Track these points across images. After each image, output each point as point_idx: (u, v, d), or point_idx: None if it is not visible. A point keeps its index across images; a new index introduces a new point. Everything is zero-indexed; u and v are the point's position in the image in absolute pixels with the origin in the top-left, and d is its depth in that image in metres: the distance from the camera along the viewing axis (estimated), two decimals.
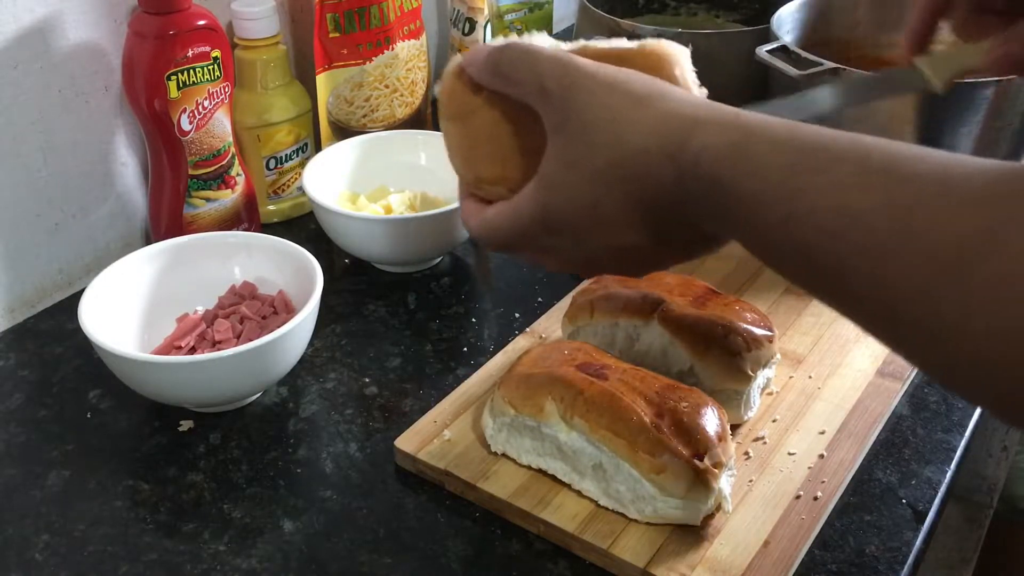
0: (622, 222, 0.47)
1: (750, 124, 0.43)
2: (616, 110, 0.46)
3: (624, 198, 0.47)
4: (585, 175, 0.47)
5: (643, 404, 0.61)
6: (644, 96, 0.47)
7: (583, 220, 0.48)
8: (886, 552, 0.61)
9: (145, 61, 0.79)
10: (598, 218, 0.48)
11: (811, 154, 0.41)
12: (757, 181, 0.42)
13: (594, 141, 0.47)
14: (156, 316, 0.76)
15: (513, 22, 1.17)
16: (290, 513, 0.64)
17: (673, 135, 0.45)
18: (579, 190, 0.48)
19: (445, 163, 0.92)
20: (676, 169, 0.44)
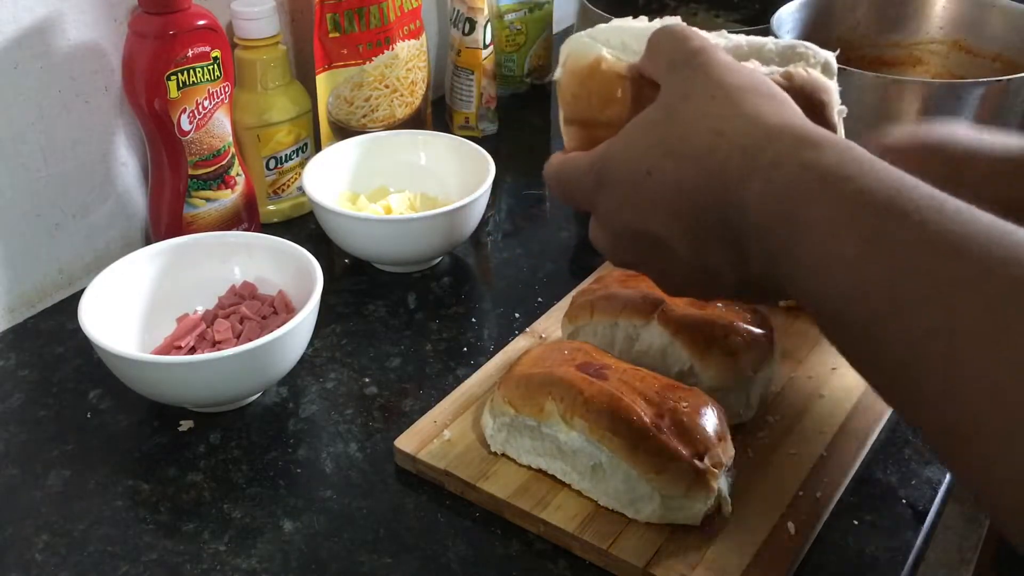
0: (664, 206, 0.45)
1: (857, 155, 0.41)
2: (720, 90, 0.45)
3: (675, 177, 0.44)
4: (652, 139, 0.45)
5: (643, 404, 0.61)
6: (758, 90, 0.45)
7: (630, 185, 0.46)
8: (886, 552, 0.61)
9: (145, 61, 0.79)
10: (645, 189, 0.45)
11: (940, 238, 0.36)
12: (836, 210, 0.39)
13: (678, 110, 0.45)
14: (156, 316, 0.76)
15: (513, 22, 1.17)
16: (290, 513, 0.64)
17: (758, 130, 0.43)
18: (639, 151, 0.46)
19: (445, 163, 0.93)
20: (746, 168, 0.42)
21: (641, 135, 0.46)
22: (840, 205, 0.39)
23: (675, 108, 0.46)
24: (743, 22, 1.18)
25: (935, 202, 0.37)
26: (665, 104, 0.46)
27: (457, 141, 0.94)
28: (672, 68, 0.47)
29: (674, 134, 0.45)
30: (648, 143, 0.46)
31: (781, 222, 0.41)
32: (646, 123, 0.47)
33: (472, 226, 0.87)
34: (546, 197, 1.03)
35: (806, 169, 0.41)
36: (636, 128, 0.47)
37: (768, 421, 0.69)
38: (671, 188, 0.44)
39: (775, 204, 0.41)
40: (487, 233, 0.95)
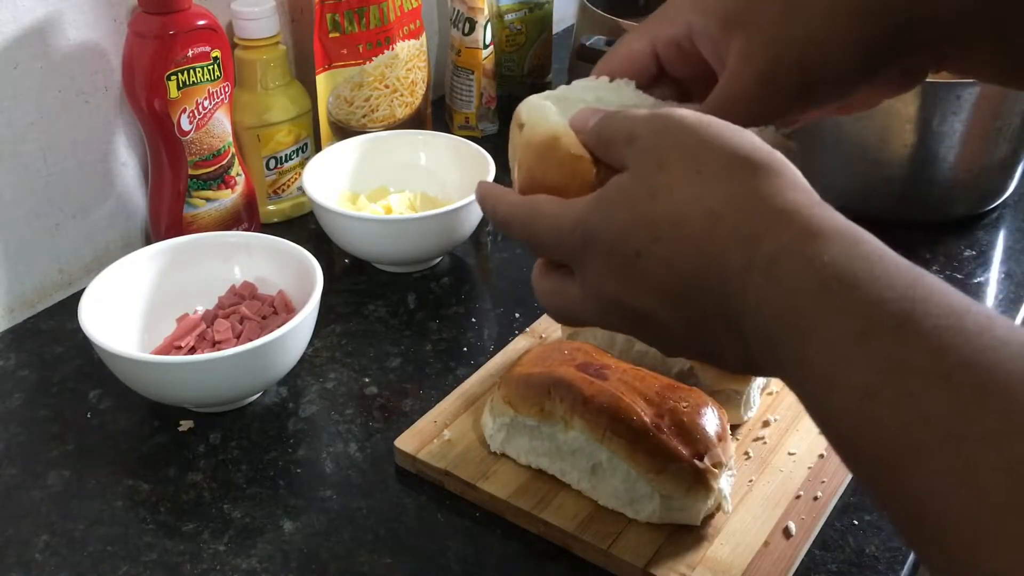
0: (657, 288, 0.42)
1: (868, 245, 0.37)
2: (704, 162, 0.41)
3: (668, 262, 0.41)
4: (636, 218, 0.42)
5: (643, 404, 0.61)
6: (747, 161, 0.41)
7: (615, 257, 0.43)
8: (886, 552, 0.61)
9: (145, 61, 0.79)
10: (635, 270, 0.42)
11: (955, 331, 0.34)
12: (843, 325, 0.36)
13: (659, 185, 0.42)
14: (156, 316, 0.76)
15: (513, 22, 1.17)
16: (290, 513, 0.64)
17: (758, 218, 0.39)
18: (623, 230, 0.42)
19: (445, 163, 0.93)
20: (747, 259, 0.39)
21: (623, 211, 0.43)
22: (847, 321, 0.36)
23: (654, 183, 0.42)
24: None
25: (953, 319, 0.34)
26: (641, 179, 0.42)
27: (457, 141, 0.94)
28: (633, 140, 0.44)
29: (661, 215, 0.41)
30: (633, 222, 0.42)
31: (784, 327, 0.38)
32: (625, 197, 0.43)
33: (472, 226, 0.87)
34: None
35: (809, 268, 0.37)
36: (614, 202, 0.43)
37: (768, 421, 0.69)
38: (664, 273, 0.41)
39: (777, 306, 0.38)
40: (487, 233, 0.95)
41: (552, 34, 1.23)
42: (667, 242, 0.41)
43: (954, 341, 0.33)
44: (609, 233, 0.43)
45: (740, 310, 0.39)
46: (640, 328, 0.45)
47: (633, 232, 0.42)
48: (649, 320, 0.43)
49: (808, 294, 0.37)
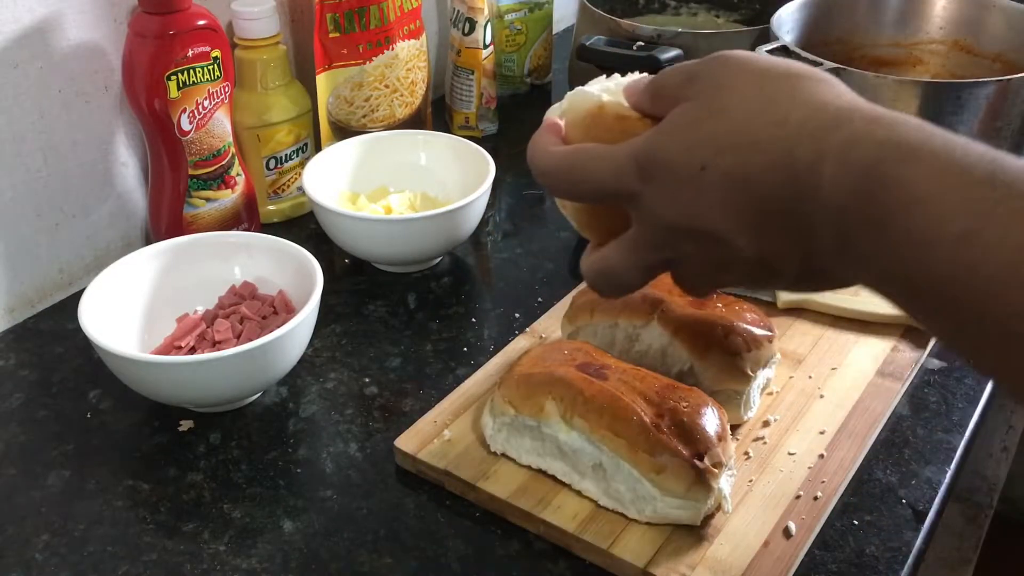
0: (723, 202, 0.42)
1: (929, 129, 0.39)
2: (766, 80, 0.43)
3: (734, 172, 0.42)
4: (700, 135, 0.43)
5: (643, 404, 0.61)
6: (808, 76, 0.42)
7: (682, 182, 0.43)
8: (886, 552, 0.61)
9: (145, 61, 0.79)
10: (699, 186, 0.43)
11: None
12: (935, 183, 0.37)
13: (724, 105, 0.43)
14: (156, 316, 0.76)
15: (513, 22, 1.17)
16: (290, 513, 0.64)
17: (825, 113, 0.41)
18: (687, 147, 0.43)
19: (445, 163, 0.93)
20: (816, 152, 0.40)
21: (685, 131, 0.44)
22: (937, 180, 0.37)
23: (718, 103, 0.43)
24: (743, 22, 1.18)
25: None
26: (703, 103, 0.44)
27: (457, 141, 0.94)
28: (692, 78, 0.45)
29: (726, 129, 0.42)
30: (696, 139, 0.43)
31: (863, 203, 0.39)
32: (687, 120, 0.44)
33: (472, 226, 0.87)
34: (546, 197, 1.03)
35: (887, 147, 0.39)
36: (676, 125, 0.44)
37: (768, 421, 0.69)
38: (730, 183, 0.42)
39: (855, 184, 0.39)
40: (487, 233, 0.95)
41: (552, 34, 1.23)
42: (732, 152, 0.42)
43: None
44: (671, 154, 0.44)
45: (812, 208, 0.40)
46: (702, 251, 0.45)
47: (697, 149, 0.43)
48: (713, 239, 0.44)
49: (887, 168, 0.38)
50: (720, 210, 0.43)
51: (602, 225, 0.52)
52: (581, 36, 1.04)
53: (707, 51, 1.07)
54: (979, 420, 0.72)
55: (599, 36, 1.01)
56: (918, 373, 0.75)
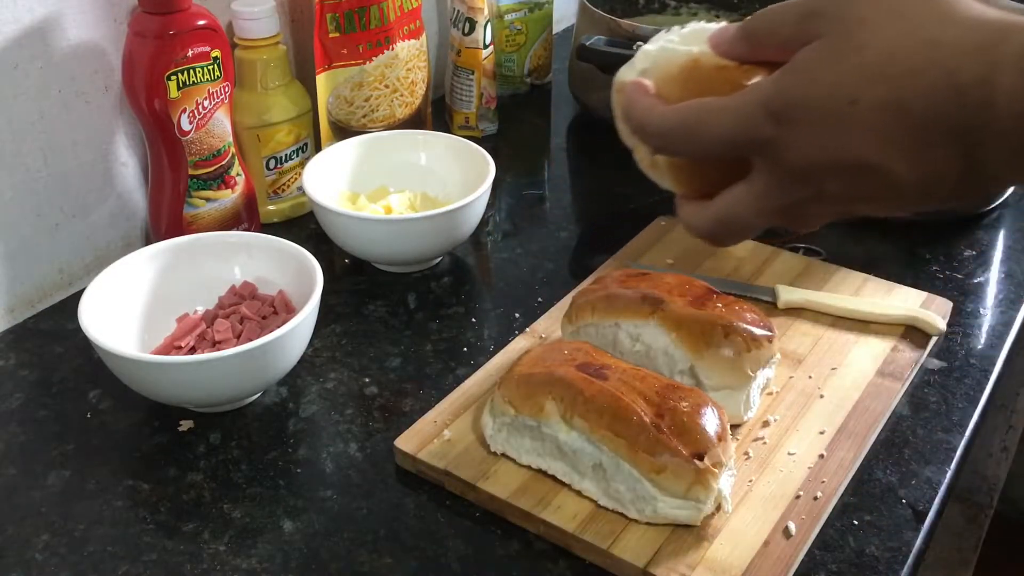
0: (880, 131, 0.41)
1: None
2: (906, 5, 0.41)
3: (891, 99, 0.41)
4: (847, 67, 0.41)
5: (643, 404, 0.61)
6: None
7: (828, 115, 0.42)
8: (886, 552, 0.61)
9: (145, 61, 0.79)
10: (851, 119, 0.42)
11: None
12: None
13: (864, 39, 0.41)
14: (156, 316, 0.76)
15: (513, 22, 1.17)
16: (290, 513, 0.64)
17: (985, 28, 0.40)
18: (831, 82, 0.42)
19: (445, 163, 0.93)
20: (986, 65, 0.39)
21: (825, 69, 0.42)
22: None
23: (858, 38, 0.42)
24: None
25: None
26: (838, 39, 0.42)
27: (457, 141, 0.94)
28: (811, 16, 0.43)
29: (873, 60, 0.41)
30: (840, 74, 0.42)
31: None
32: (824, 56, 0.42)
33: (472, 226, 0.87)
34: (546, 197, 1.03)
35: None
36: (812, 63, 0.43)
37: (768, 421, 0.69)
38: (886, 114, 0.41)
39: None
40: (487, 233, 0.95)
41: (552, 34, 1.23)
42: (885, 82, 0.41)
43: None
44: (813, 93, 0.42)
45: (984, 121, 0.40)
46: (848, 185, 0.44)
47: (843, 85, 0.42)
48: (865, 171, 0.43)
49: None
50: (876, 141, 0.42)
51: (705, 177, 0.50)
52: (581, 36, 1.04)
53: None
54: (979, 420, 0.72)
55: (599, 36, 1.01)
56: (918, 373, 0.75)
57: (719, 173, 0.48)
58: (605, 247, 0.89)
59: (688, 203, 0.50)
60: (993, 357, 0.77)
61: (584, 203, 1.04)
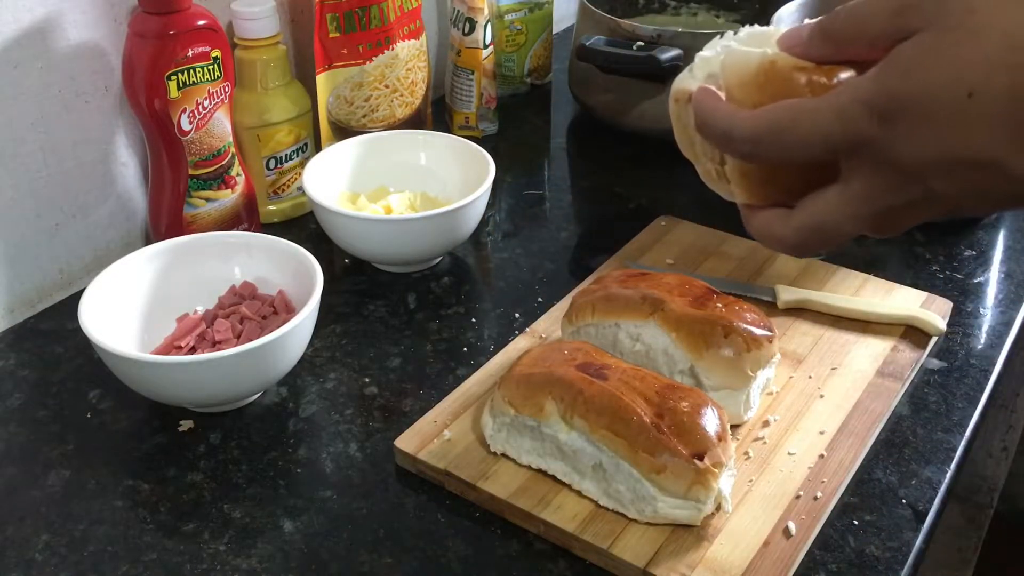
0: (1000, 122, 0.39)
1: None
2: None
3: (1007, 92, 0.38)
4: (960, 58, 0.39)
5: (643, 404, 0.61)
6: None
7: (943, 109, 0.40)
8: (886, 552, 0.61)
9: (145, 61, 0.79)
10: (968, 112, 0.39)
11: None
12: None
13: (975, 25, 0.39)
14: (156, 316, 0.76)
15: (513, 22, 1.17)
16: (290, 513, 0.64)
17: None
18: (947, 74, 0.39)
19: (445, 163, 0.93)
20: None
21: (933, 58, 0.40)
22: None
23: (969, 25, 0.39)
24: (743, 22, 1.18)
25: None
26: (946, 29, 0.40)
27: (457, 141, 0.94)
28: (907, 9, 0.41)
29: (989, 50, 0.39)
30: (953, 63, 0.39)
31: None
32: (930, 47, 0.40)
33: (472, 226, 0.87)
34: (546, 197, 1.03)
35: None
36: (919, 55, 0.40)
37: (768, 421, 0.69)
38: (1011, 103, 0.38)
39: None
40: (487, 233, 0.95)
41: (552, 34, 1.23)
42: (1008, 71, 0.38)
43: None
44: (923, 86, 0.40)
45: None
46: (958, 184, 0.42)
47: (958, 76, 0.39)
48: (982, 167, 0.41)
49: None
50: (999, 134, 0.39)
51: (780, 185, 0.47)
52: (581, 36, 1.04)
53: None
54: (979, 420, 0.72)
55: (599, 36, 1.01)
56: (918, 373, 0.75)
57: (798, 179, 0.46)
58: (605, 247, 0.89)
59: (764, 212, 0.47)
60: (993, 357, 0.77)
61: (584, 203, 1.04)
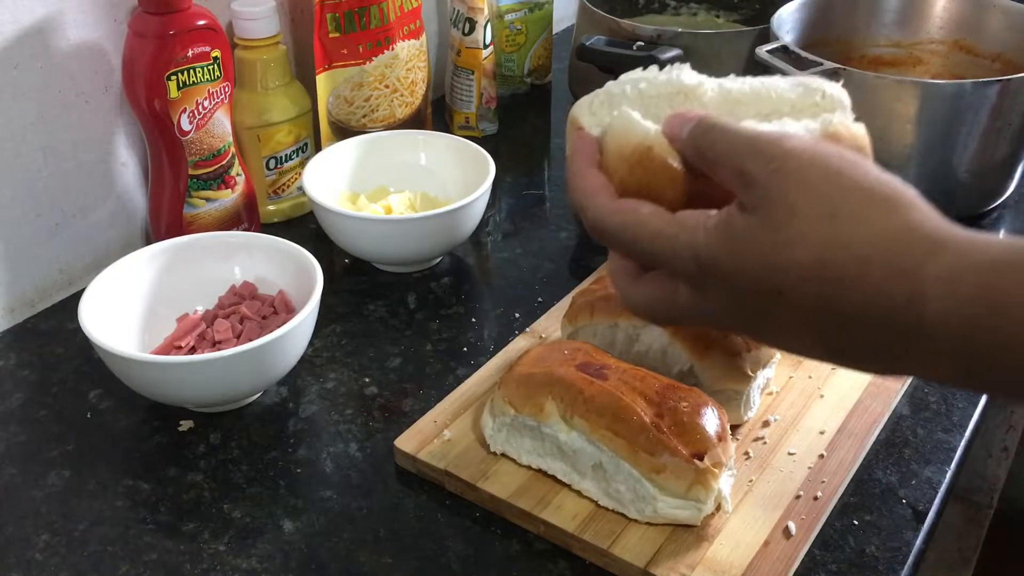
0: (798, 321, 0.43)
1: None
2: (838, 205, 0.41)
3: (814, 301, 0.41)
4: (779, 262, 0.42)
5: (643, 404, 0.61)
6: (881, 199, 0.41)
7: (751, 296, 0.43)
8: (886, 552, 0.61)
9: (145, 61, 0.79)
10: (775, 308, 0.43)
11: None
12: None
13: (802, 232, 0.41)
14: (156, 316, 0.76)
15: (513, 22, 1.17)
16: (290, 513, 0.64)
17: (912, 250, 0.40)
18: (759, 269, 0.42)
19: (445, 163, 0.93)
20: (912, 289, 0.39)
21: (756, 257, 0.42)
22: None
23: (791, 232, 0.42)
24: (743, 22, 1.18)
25: None
26: (771, 227, 0.42)
27: (457, 141, 0.94)
28: (745, 180, 0.43)
29: (804, 261, 0.41)
30: (771, 267, 0.42)
31: (975, 331, 0.39)
32: (758, 243, 0.42)
33: (472, 226, 0.87)
34: (546, 197, 1.03)
35: (991, 275, 0.39)
36: (745, 245, 0.43)
37: (768, 421, 0.69)
38: (813, 313, 0.42)
39: (963, 318, 0.39)
40: (487, 233, 0.95)
41: (552, 34, 1.23)
42: (817, 284, 0.41)
43: None
44: (740, 274, 0.43)
45: (912, 342, 0.40)
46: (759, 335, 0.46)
47: (773, 276, 0.42)
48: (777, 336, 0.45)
49: (998, 297, 0.38)
50: (798, 332, 0.43)
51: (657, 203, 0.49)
52: (581, 36, 1.04)
53: (707, 51, 1.07)
54: (979, 420, 0.72)
55: (599, 36, 1.01)
56: None
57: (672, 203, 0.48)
58: (605, 247, 0.89)
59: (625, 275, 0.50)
60: None
61: None
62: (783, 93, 0.52)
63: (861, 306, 0.41)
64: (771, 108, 0.52)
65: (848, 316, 0.41)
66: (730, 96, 0.52)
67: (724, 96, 0.52)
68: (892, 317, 0.40)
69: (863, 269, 0.40)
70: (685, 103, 0.51)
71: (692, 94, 0.51)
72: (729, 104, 0.52)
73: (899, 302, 0.40)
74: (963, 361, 0.40)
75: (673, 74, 0.51)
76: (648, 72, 0.52)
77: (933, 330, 0.40)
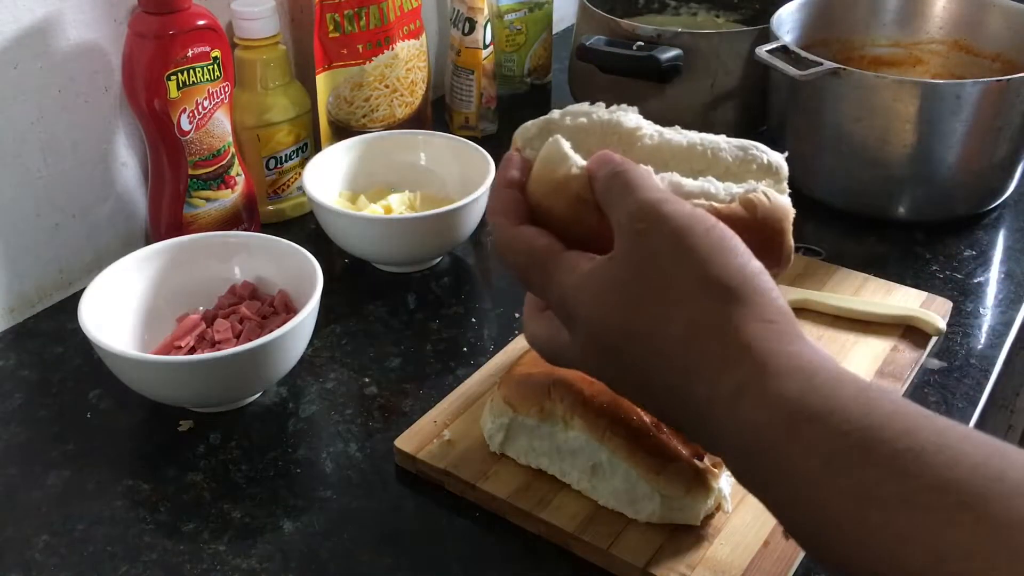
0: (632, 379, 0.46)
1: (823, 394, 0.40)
2: (674, 282, 0.43)
3: (642, 367, 0.45)
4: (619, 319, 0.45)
5: None
6: (717, 290, 0.43)
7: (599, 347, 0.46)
8: None
9: (145, 61, 0.79)
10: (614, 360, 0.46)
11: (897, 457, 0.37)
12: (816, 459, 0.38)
13: (640, 297, 0.44)
14: (156, 316, 0.76)
15: (513, 22, 1.17)
16: (290, 513, 0.64)
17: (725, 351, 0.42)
18: (607, 326, 0.45)
19: (445, 163, 0.93)
20: (708, 390, 0.42)
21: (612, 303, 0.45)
22: (809, 455, 0.39)
23: (631, 292, 0.44)
24: (743, 22, 1.18)
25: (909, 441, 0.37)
26: (624, 281, 0.45)
27: (457, 141, 0.94)
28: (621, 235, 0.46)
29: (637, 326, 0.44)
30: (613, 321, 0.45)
31: (751, 455, 0.41)
32: (613, 290, 0.45)
33: (472, 226, 0.87)
34: None
35: (768, 406, 0.40)
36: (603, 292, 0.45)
37: None
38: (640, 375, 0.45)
39: (743, 437, 0.41)
40: (487, 233, 0.95)
41: (552, 34, 1.23)
42: (643, 353, 0.44)
43: (911, 467, 0.36)
44: (597, 322, 0.46)
45: (710, 433, 0.44)
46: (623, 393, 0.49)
47: (614, 330, 0.45)
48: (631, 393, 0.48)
49: (770, 429, 0.40)
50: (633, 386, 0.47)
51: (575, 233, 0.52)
52: (581, 36, 1.04)
53: (707, 51, 1.07)
54: (979, 420, 0.72)
55: (599, 36, 1.01)
56: (918, 373, 0.75)
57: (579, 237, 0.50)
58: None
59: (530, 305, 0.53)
60: (993, 357, 0.77)
61: None
62: (720, 154, 0.53)
63: (675, 388, 0.44)
64: (705, 165, 0.53)
65: (664, 387, 0.44)
66: (666, 147, 0.53)
67: (659, 146, 0.53)
68: (690, 405, 0.43)
69: (681, 351, 0.43)
70: (618, 145, 0.53)
71: (628, 137, 0.53)
72: (662, 154, 0.53)
73: (701, 397, 0.42)
74: (740, 471, 0.43)
75: (617, 115, 0.53)
76: (594, 108, 0.53)
77: (718, 434, 0.42)
